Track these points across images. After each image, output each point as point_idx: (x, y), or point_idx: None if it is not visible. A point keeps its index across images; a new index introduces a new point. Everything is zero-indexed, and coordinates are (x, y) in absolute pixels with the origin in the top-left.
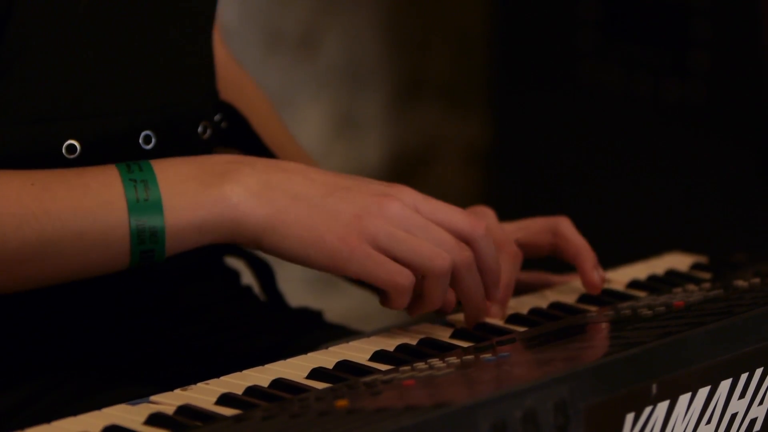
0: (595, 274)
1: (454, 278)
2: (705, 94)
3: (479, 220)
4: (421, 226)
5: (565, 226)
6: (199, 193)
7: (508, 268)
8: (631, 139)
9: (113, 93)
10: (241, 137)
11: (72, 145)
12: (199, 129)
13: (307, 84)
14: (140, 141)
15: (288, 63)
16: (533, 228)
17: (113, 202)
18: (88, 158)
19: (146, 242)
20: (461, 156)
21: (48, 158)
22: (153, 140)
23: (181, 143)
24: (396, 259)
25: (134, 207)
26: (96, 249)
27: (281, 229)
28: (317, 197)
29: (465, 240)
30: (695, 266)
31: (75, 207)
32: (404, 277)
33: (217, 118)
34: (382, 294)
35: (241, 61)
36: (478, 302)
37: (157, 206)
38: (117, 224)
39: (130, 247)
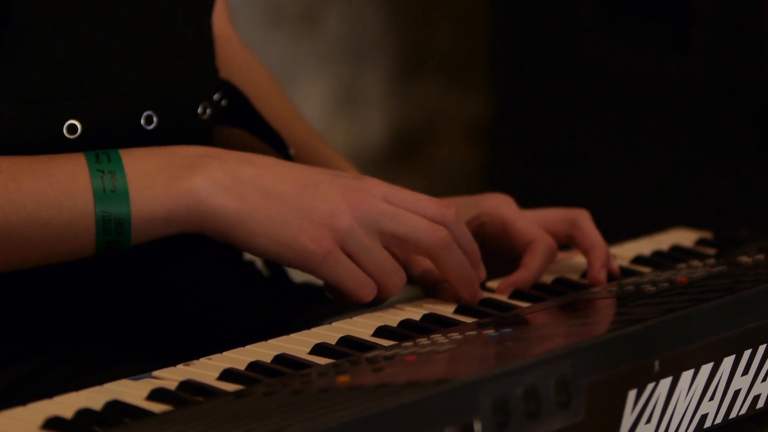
0: (602, 272)
1: (438, 260)
2: (707, 69)
3: (448, 206)
4: (392, 216)
5: (584, 219)
6: (167, 186)
7: (541, 258)
8: (633, 114)
9: (114, 73)
10: (241, 115)
11: (73, 125)
12: (199, 109)
13: (308, 60)
14: (142, 122)
15: (289, 39)
16: (552, 217)
17: (79, 193)
18: (89, 138)
19: (112, 233)
20: (463, 131)
21: (49, 138)
22: (155, 120)
23: (182, 123)
24: (360, 266)
25: (101, 198)
26: (61, 239)
27: (251, 226)
28: (288, 195)
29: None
30: (700, 242)
31: (40, 197)
32: (368, 290)
33: (216, 97)
34: (333, 291)
35: (243, 37)
36: (469, 279)
37: (123, 197)
38: (83, 215)
39: (95, 237)
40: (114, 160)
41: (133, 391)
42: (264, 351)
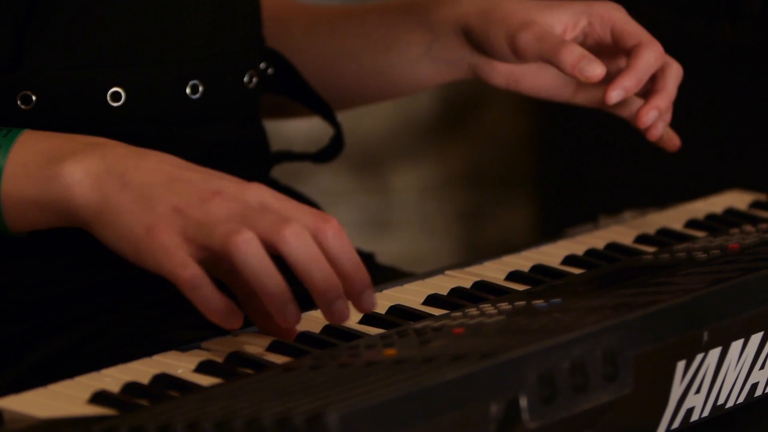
0: (652, 114)
1: (294, 267)
2: (758, 36)
3: (329, 216)
4: (245, 215)
5: (671, 70)
6: (39, 168)
7: (646, 61)
8: (684, 81)
9: (160, 41)
10: (287, 84)
11: (117, 93)
12: (245, 78)
13: None
14: (187, 90)
15: None
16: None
17: None
18: (134, 107)
19: None
20: (512, 100)
21: (92, 105)
22: (200, 89)
23: (227, 92)
24: (202, 248)
25: None
26: None
27: (105, 218)
28: (148, 186)
29: (315, 236)
30: (754, 204)
31: None
32: (187, 270)
33: (263, 65)
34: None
35: None
36: (326, 295)
37: None
38: None
39: None
40: (9, 138)
41: (181, 363)
42: (313, 321)
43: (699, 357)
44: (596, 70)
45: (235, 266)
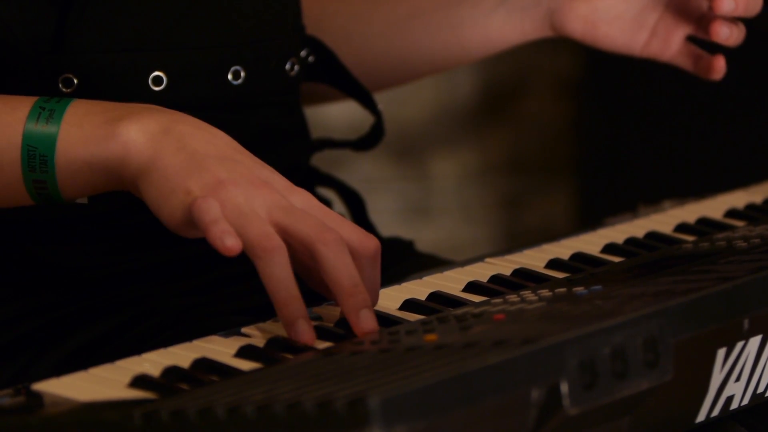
0: (724, 29)
1: (315, 259)
2: None
3: (372, 236)
4: (288, 211)
5: None
6: (96, 127)
7: None
8: (728, 69)
9: (203, 26)
10: (328, 71)
11: (158, 77)
12: (287, 65)
13: None
14: (229, 76)
15: None
16: None
17: (12, 124)
18: (175, 91)
19: (36, 170)
20: (552, 86)
21: (134, 89)
22: (242, 75)
23: (269, 79)
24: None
25: (30, 132)
26: None
27: (153, 175)
28: (201, 154)
29: (353, 252)
30: None
31: None
32: (230, 238)
33: (303, 53)
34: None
35: None
36: (354, 288)
37: (51, 135)
38: (10, 146)
39: (21, 173)
40: (62, 103)
41: (221, 348)
42: None
43: (739, 345)
44: None
45: (258, 269)
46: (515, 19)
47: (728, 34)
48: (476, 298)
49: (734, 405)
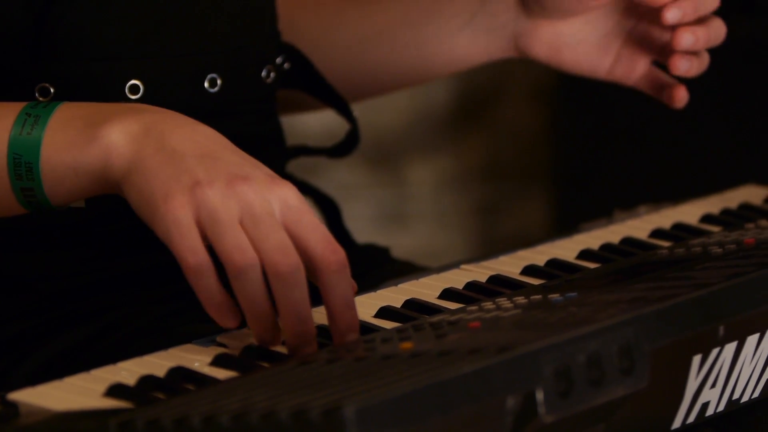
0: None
1: (272, 285)
2: None
3: (339, 249)
4: (259, 220)
5: None
6: (79, 132)
7: None
8: (700, 76)
9: (179, 34)
10: (303, 78)
11: (135, 85)
12: (263, 72)
13: None
14: (206, 84)
15: None
16: None
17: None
18: (152, 100)
19: (23, 178)
20: (528, 93)
21: (111, 97)
22: (218, 83)
23: (246, 87)
24: (210, 242)
25: (15, 140)
26: None
27: (134, 177)
28: (180, 154)
29: (313, 266)
30: None
31: None
32: (194, 256)
33: (279, 60)
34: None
35: None
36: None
37: (36, 142)
38: None
39: (10, 181)
40: (50, 107)
41: (197, 356)
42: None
43: (715, 351)
44: None
45: (230, 281)
46: (480, 41)
47: (688, 67)
48: (452, 305)
49: (710, 411)
